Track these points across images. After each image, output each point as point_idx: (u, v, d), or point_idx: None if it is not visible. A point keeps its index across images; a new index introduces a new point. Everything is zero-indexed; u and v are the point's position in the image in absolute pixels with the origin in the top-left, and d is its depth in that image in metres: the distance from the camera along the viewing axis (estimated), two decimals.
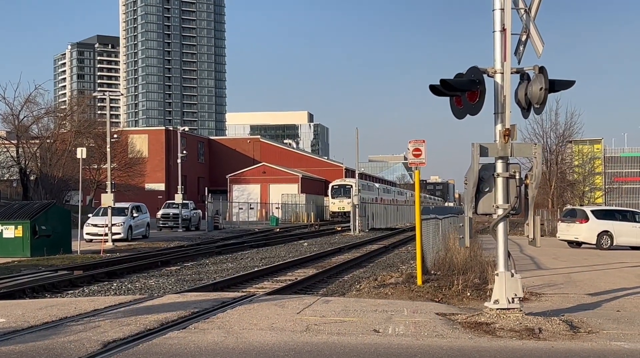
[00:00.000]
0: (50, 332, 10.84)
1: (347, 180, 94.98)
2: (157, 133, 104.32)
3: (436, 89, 11.79)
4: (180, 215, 57.20)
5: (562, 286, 17.56)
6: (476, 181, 11.65)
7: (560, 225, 36.86)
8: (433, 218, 24.13)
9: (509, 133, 11.58)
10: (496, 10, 11.78)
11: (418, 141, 18.01)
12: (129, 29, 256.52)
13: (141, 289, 19.76)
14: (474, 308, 13.28)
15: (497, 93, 11.78)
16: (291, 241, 44.15)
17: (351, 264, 27.24)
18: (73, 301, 14.86)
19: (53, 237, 31.29)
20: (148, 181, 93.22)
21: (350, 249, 36.08)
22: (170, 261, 27.96)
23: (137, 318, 11.90)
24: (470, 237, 12.02)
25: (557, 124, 58.37)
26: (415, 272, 18.07)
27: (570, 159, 65.86)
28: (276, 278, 22.54)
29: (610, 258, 27.11)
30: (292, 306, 13.44)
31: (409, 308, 13.27)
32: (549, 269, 22.29)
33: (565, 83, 12.07)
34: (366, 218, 61.38)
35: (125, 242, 40.25)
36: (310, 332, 10.87)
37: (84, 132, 72.72)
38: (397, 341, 10.29)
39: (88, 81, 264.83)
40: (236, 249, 35.61)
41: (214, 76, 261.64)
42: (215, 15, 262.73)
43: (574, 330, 11.12)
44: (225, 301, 14.16)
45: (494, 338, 10.53)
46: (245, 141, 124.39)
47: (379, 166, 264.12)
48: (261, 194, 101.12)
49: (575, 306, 14.16)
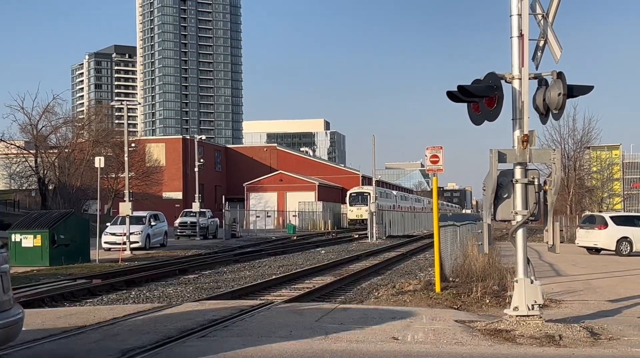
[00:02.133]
0: (69, 341, 10.88)
1: (365, 188, 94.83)
2: (174, 142, 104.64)
3: (454, 95, 11.76)
4: (198, 223, 57.34)
5: (581, 292, 17.45)
6: (494, 187, 11.60)
7: (579, 231, 36.63)
8: (451, 224, 24.03)
9: (528, 139, 11.52)
10: (513, 16, 11.75)
11: (435, 147, 17.97)
12: (146, 38, 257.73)
13: (160, 297, 19.79)
14: (493, 316, 13.21)
15: (515, 99, 11.73)
16: (308, 249, 44.12)
17: (369, 271, 27.17)
18: (92, 310, 14.91)
19: (71, 246, 31.40)
20: (165, 189, 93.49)
21: (367, 256, 36.00)
22: (188, 270, 27.99)
23: (156, 327, 11.92)
24: (489, 244, 11.98)
25: (574, 130, 58.08)
26: (433, 279, 18.01)
27: (589, 165, 65.51)
28: (294, 286, 22.52)
29: (629, 265, 26.92)
30: (311, 313, 13.42)
31: (427, 316, 13.22)
32: (568, 275, 22.16)
33: (583, 88, 12.00)
34: (383, 225, 61.28)
35: (143, 251, 40.35)
36: (329, 339, 10.85)
37: (102, 141, 73.10)
38: (417, 348, 10.25)
39: (105, 91, 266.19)
40: (254, 257, 35.62)
41: (230, 85, 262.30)
42: (231, 24, 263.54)
43: (595, 336, 11.04)
44: (244, 309, 14.16)
45: (513, 345, 10.46)
46: (262, 149, 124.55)
47: (395, 173, 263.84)
48: (278, 202, 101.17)
49: (596, 313, 14.06)
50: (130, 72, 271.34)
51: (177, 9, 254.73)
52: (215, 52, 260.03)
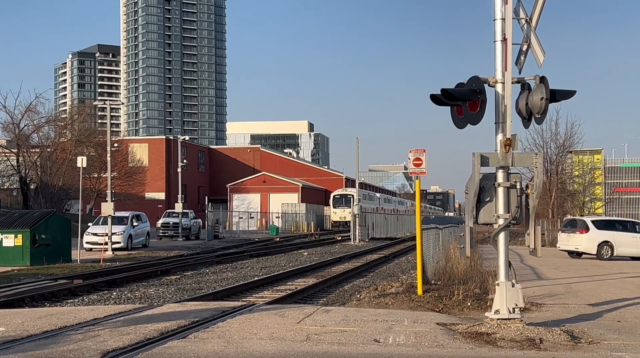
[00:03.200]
0: (49, 341, 10.81)
1: (349, 190, 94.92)
2: (157, 142, 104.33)
3: (437, 98, 11.77)
4: (180, 224, 57.21)
5: (562, 296, 17.53)
6: (477, 190, 11.63)
7: (561, 235, 36.81)
8: (433, 227, 24.09)
9: (510, 143, 11.56)
10: (497, 20, 11.78)
11: (419, 150, 17.99)
12: (130, 38, 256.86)
13: (141, 298, 19.72)
14: (474, 318, 13.25)
15: (498, 103, 11.77)
16: (291, 250, 44.08)
17: (351, 273, 27.17)
18: (73, 310, 14.83)
19: (53, 246, 31.24)
20: (148, 190, 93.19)
21: (350, 258, 36.01)
22: (170, 271, 27.90)
23: (136, 328, 11.87)
24: (471, 247, 11.99)
25: (557, 134, 58.44)
26: (415, 282, 18.03)
27: (571, 169, 65.82)
28: (276, 288, 22.49)
29: (610, 269, 27.08)
30: (293, 315, 13.40)
31: (409, 318, 13.23)
32: (550, 279, 22.26)
33: (566, 93, 12.06)
34: (366, 227, 61.31)
35: (125, 251, 40.20)
36: (310, 341, 10.84)
37: (85, 141, 72.75)
38: (398, 351, 10.26)
39: (89, 90, 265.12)
40: (236, 258, 35.55)
41: (214, 85, 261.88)
42: (216, 25, 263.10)
43: (575, 340, 11.09)
44: (226, 311, 14.13)
45: (494, 348, 10.49)
46: (246, 151, 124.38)
47: (379, 175, 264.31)
48: (261, 204, 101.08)
49: (576, 316, 14.13)
50: (114, 72, 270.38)
51: (161, 9, 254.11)
52: (199, 52, 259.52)
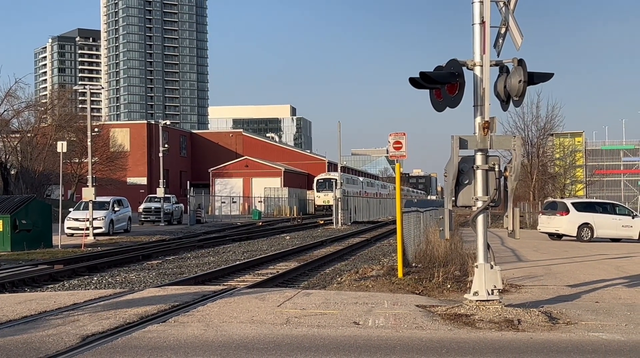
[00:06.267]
0: (29, 326, 10.78)
1: (332, 174, 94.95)
2: (138, 127, 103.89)
3: (416, 81, 11.78)
4: (162, 209, 57.11)
5: (542, 278, 17.65)
6: (456, 173, 11.66)
7: (541, 217, 37.04)
8: (414, 210, 24.17)
9: (489, 126, 11.59)
10: (475, 3, 11.78)
11: (399, 133, 18.02)
12: (110, 22, 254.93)
13: (122, 283, 19.70)
14: (454, 301, 13.33)
15: (476, 86, 11.78)
16: (273, 234, 44.14)
17: (333, 257, 27.26)
18: (53, 296, 14.79)
19: (34, 231, 31.12)
20: (130, 175, 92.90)
21: (332, 242, 36.10)
22: (151, 255, 27.87)
23: (116, 312, 11.86)
24: (450, 229, 12.06)
25: (538, 117, 58.69)
26: (396, 265, 18.10)
27: (552, 152, 66.11)
28: (258, 272, 22.53)
29: (590, 250, 27.28)
30: (273, 299, 13.43)
31: (389, 301, 13.30)
32: (530, 261, 22.39)
33: (543, 76, 12.08)
34: (349, 211, 61.44)
35: (107, 236, 40.10)
36: (290, 324, 10.87)
37: (65, 126, 72.33)
38: (377, 333, 10.31)
39: (69, 75, 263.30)
40: (218, 243, 35.55)
41: (196, 70, 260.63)
42: (197, 8, 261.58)
43: (553, 321, 11.18)
44: (206, 295, 14.14)
45: (473, 329, 10.57)
46: (228, 135, 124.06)
47: (362, 159, 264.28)
48: (244, 188, 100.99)
49: (555, 297, 14.24)
50: (95, 57, 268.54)
51: None
52: (180, 36, 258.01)
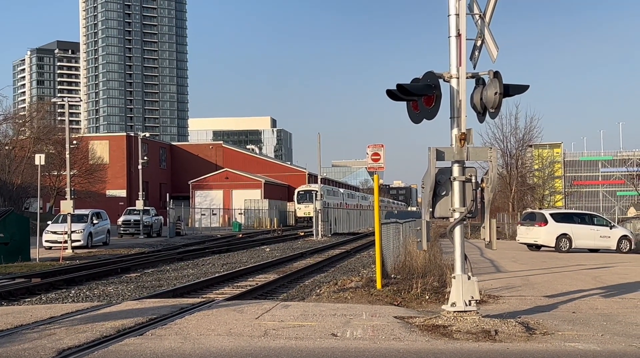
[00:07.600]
0: (4, 340, 10.69)
1: (313, 186, 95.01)
2: (118, 139, 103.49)
3: (393, 94, 11.84)
4: (142, 222, 56.83)
5: (520, 288, 17.73)
6: (433, 185, 11.72)
7: (520, 228, 37.21)
8: (393, 222, 24.23)
9: (465, 137, 11.67)
10: (451, 16, 11.87)
11: (377, 145, 18.09)
12: (90, 34, 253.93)
13: (99, 296, 19.58)
14: (432, 312, 13.36)
15: (453, 98, 11.86)
16: (253, 246, 44.04)
17: (312, 269, 27.26)
18: (29, 309, 14.68)
19: (11, 245, 30.88)
20: (109, 187, 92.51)
21: (312, 254, 36.08)
22: (130, 268, 27.73)
23: (93, 326, 11.79)
24: (427, 241, 12.09)
25: (517, 128, 58.97)
26: (375, 276, 18.12)
27: (530, 163, 66.50)
28: (237, 284, 22.48)
29: (568, 261, 27.43)
30: (251, 311, 13.41)
31: (367, 312, 13.30)
32: (508, 272, 22.50)
33: (519, 87, 12.19)
34: (329, 223, 61.50)
35: (85, 249, 39.86)
36: (268, 336, 10.86)
37: (44, 138, 72.07)
38: (355, 345, 10.31)
39: (48, 87, 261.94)
40: (198, 255, 35.42)
41: (175, 82, 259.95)
42: (176, 20, 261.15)
43: (530, 331, 11.24)
44: (184, 307, 14.09)
45: (450, 340, 10.59)
46: (208, 147, 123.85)
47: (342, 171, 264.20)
48: (224, 200, 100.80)
49: (532, 308, 14.30)
50: (73, 69, 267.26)
51: (121, 5, 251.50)
52: (160, 48, 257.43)
